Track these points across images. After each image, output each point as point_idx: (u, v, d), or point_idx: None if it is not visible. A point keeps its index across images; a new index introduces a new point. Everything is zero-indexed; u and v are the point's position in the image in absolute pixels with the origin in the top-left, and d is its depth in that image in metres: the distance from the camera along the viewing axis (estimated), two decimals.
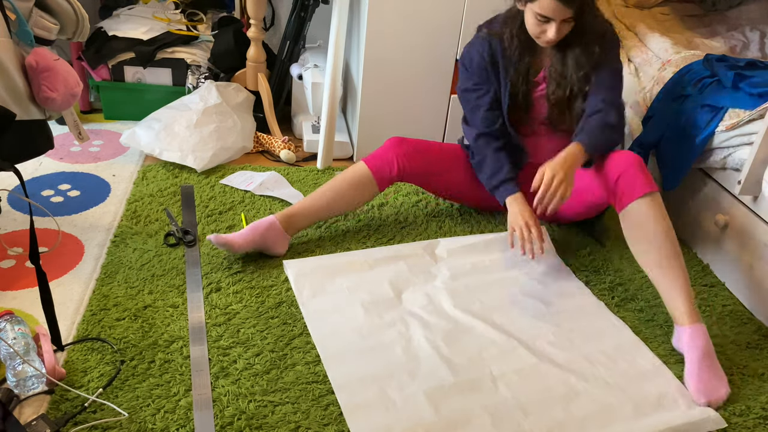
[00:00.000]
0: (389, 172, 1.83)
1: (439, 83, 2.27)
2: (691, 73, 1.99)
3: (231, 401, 1.30)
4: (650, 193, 1.59)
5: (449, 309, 1.61)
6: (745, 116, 1.74)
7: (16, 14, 1.47)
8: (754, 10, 2.57)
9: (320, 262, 1.75)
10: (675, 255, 1.56)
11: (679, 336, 1.52)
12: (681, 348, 1.52)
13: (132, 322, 1.48)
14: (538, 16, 1.62)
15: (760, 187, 1.69)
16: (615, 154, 1.69)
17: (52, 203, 1.93)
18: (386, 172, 1.83)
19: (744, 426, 1.37)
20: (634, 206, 1.60)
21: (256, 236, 1.71)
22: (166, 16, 2.54)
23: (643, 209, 1.59)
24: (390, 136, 1.87)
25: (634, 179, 1.60)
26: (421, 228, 1.98)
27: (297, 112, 2.57)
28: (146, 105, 2.41)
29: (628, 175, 1.61)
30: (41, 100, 1.53)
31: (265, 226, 1.73)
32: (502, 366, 1.45)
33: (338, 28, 2.09)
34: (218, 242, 1.67)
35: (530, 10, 1.64)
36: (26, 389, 1.26)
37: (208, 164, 2.16)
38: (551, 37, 1.64)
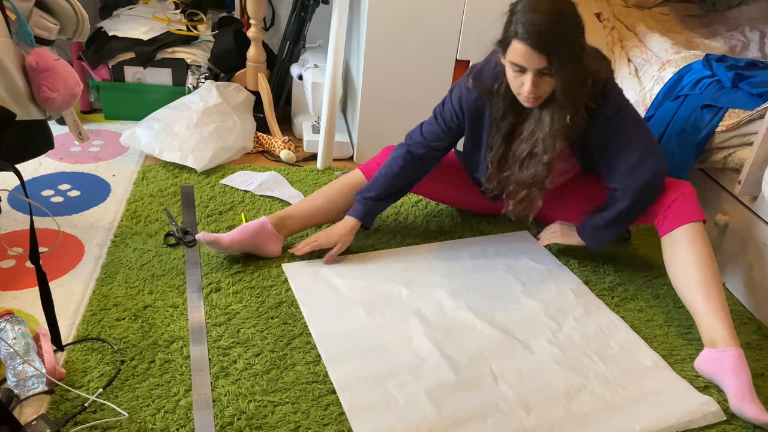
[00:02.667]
0: None
1: (439, 83, 2.26)
2: (691, 73, 1.99)
3: (231, 401, 1.30)
4: (701, 221, 1.62)
5: (450, 307, 1.63)
6: (745, 116, 1.74)
7: (17, 14, 1.47)
8: (754, 10, 2.57)
9: (319, 265, 1.75)
10: (717, 279, 1.57)
11: (718, 359, 1.45)
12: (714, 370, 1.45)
13: (132, 322, 1.48)
14: (514, 66, 1.48)
15: (760, 187, 1.69)
16: (673, 181, 1.69)
17: (52, 203, 1.93)
18: None
19: (744, 426, 1.37)
20: (685, 229, 1.61)
21: (245, 236, 1.70)
22: (166, 16, 2.54)
23: (691, 233, 1.61)
24: (390, 136, 1.87)
25: (688, 206, 1.64)
26: (421, 228, 1.98)
27: (297, 112, 2.57)
28: (146, 105, 2.42)
29: (683, 201, 1.64)
30: (41, 100, 1.53)
31: (255, 227, 1.72)
32: (503, 364, 1.46)
33: (338, 28, 2.09)
34: (206, 240, 1.66)
35: (508, 62, 1.50)
36: (26, 389, 1.26)
37: (208, 164, 2.16)
38: (527, 89, 1.48)
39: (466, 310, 1.62)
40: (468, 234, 1.97)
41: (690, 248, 1.59)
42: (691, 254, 1.58)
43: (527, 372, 1.45)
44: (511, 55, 1.47)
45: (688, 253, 1.59)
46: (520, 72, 1.48)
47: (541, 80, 1.48)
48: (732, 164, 1.80)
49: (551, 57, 1.43)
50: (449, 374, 1.42)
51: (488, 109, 1.67)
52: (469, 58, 2.23)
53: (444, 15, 2.14)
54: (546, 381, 1.42)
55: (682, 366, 1.51)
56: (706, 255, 1.59)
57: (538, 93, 1.50)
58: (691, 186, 1.68)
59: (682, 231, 1.61)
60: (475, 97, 1.68)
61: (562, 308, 1.66)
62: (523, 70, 1.47)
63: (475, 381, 1.41)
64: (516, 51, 1.45)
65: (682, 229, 1.61)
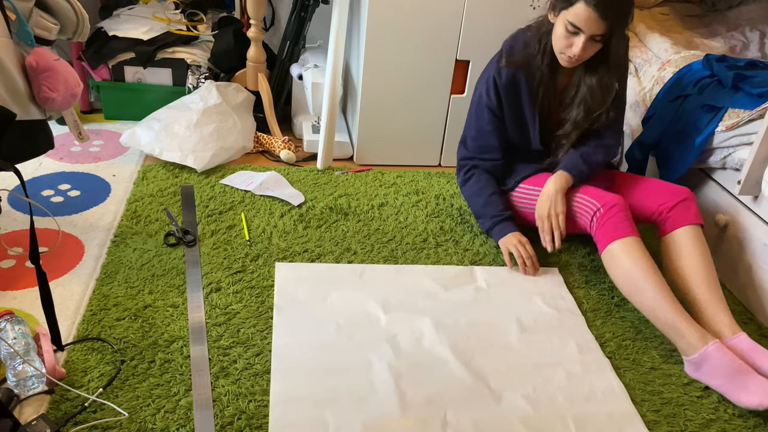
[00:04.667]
0: None
1: (439, 83, 2.26)
2: (691, 73, 1.99)
3: (231, 401, 1.30)
4: (701, 225, 1.69)
5: (428, 340, 1.50)
6: (744, 116, 1.74)
7: (17, 14, 1.47)
8: (754, 10, 2.57)
9: (314, 270, 1.71)
10: (716, 276, 1.61)
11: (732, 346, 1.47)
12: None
13: (132, 322, 1.48)
14: (569, 26, 1.57)
15: (760, 187, 1.69)
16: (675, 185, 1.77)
17: (52, 203, 1.93)
18: None
19: (744, 426, 1.37)
20: (688, 230, 1.66)
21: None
22: (166, 16, 2.54)
23: (693, 233, 1.66)
24: (390, 136, 1.87)
25: (690, 210, 1.70)
26: (420, 228, 1.98)
27: (297, 112, 2.57)
28: (146, 105, 2.41)
29: (687, 204, 1.70)
30: (41, 100, 1.53)
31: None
32: (460, 412, 1.32)
33: (338, 28, 2.09)
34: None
35: (562, 19, 1.59)
36: (26, 389, 1.26)
37: (208, 164, 2.16)
38: (575, 52, 1.59)
39: (444, 346, 1.48)
40: (468, 234, 1.97)
41: (697, 247, 1.63)
42: (698, 253, 1.62)
43: (485, 426, 1.29)
44: (571, 15, 1.55)
45: (693, 251, 1.62)
46: (573, 34, 1.57)
47: (591, 45, 1.58)
48: (732, 164, 1.80)
49: (611, 26, 1.54)
50: (394, 411, 1.30)
51: (525, 80, 1.74)
52: (469, 58, 2.23)
53: (444, 15, 2.14)
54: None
55: (681, 368, 1.51)
56: (707, 254, 1.64)
57: (584, 56, 1.60)
58: (691, 192, 1.74)
59: (686, 230, 1.66)
60: (507, 76, 1.75)
61: (558, 362, 1.48)
62: (577, 32, 1.56)
63: (420, 424, 1.28)
64: (578, 13, 1.53)
65: (686, 229, 1.66)
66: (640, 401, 1.42)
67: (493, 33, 2.15)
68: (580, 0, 1.54)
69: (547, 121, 1.83)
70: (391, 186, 2.21)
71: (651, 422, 1.36)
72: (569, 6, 1.56)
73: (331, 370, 1.40)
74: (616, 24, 1.56)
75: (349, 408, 1.30)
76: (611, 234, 1.63)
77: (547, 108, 1.80)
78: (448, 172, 2.33)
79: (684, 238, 1.66)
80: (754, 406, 1.36)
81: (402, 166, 2.37)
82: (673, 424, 1.37)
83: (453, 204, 2.12)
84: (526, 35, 1.74)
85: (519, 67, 1.74)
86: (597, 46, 1.61)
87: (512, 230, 1.82)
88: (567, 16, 1.57)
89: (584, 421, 1.34)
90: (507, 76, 1.76)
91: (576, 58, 1.61)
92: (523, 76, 1.75)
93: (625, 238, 1.61)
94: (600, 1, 1.51)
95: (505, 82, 1.77)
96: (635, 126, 2.19)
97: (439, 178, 2.29)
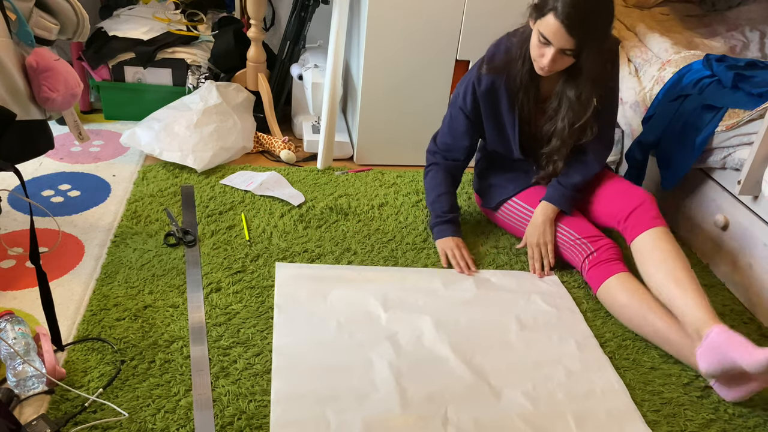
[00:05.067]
0: None
1: (439, 83, 2.26)
2: (691, 73, 1.99)
3: (231, 401, 1.30)
4: (662, 226, 1.64)
5: (429, 339, 1.50)
6: (744, 116, 1.74)
7: (17, 14, 1.47)
8: (754, 10, 2.57)
9: (314, 270, 1.72)
10: (688, 269, 1.54)
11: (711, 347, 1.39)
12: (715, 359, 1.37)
13: (132, 322, 1.48)
14: (541, 37, 1.54)
15: (760, 187, 1.69)
16: (630, 190, 1.75)
17: (52, 203, 1.93)
18: None
19: (744, 426, 1.37)
20: (645, 236, 1.63)
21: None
22: (166, 16, 2.54)
23: (651, 237, 1.62)
24: (390, 136, 1.87)
25: (646, 213, 1.66)
26: (420, 228, 1.98)
27: (297, 112, 2.57)
28: (146, 105, 2.42)
29: (642, 210, 1.67)
30: (41, 101, 1.53)
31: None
32: (461, 409, 1.32)
33: (338, 28, 2.09)
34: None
35: (536, 28, 1.56)
36: (26, 389, 1.26)
37: (208, 164, 2.16)
38: (545, 63, 1.56)
39: (444, 345, 1.48)
40: (467, 239, 1.97)
41: (659, 247, 1.59)
42: (659, 253, 1.58)
43: (486, 423, 1.29)
44: (542, 26, 1.53)
45: (651, 257, 1.59)
46: (544, 44, 1.54)
47: (562, 58, 1.56)
48: (732, 164, 1.80)
49: (580, 42, 1.50)
50: (395, 408, 1.30)
51: (504, 86, 1.73)
52: (469, 58, 2.23)
53: (444, 15, 2.14)
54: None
55: (680, 368, 1.51)
56: (672, 250, 1.58)
57: (554, 68, 1.58)
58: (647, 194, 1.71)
59: (643, 237, 1.63)
60: (486, 83, 1.73)
61: (557, 360, 1.48)
62: (547, 43, 1.53)
63: (421, 421, 1.29)
64: (548, 25, 1.50)
65: (643, 236, 1.63)
66: (640, 401, 1.41)
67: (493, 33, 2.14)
68: (550, 12, 1.49)
69: (528, 130, 1.80)
70: (391, 186, 2.21)
71: (651, 422, 1.36)
72: (541, 15, 1.52)
73: (332, 368, 1.40)
74: (586, 41, 1.51)
75: (350, 406, 1.30)
76: (605, 274, 1.66)
77: (528, 116, 1.77)
78: None
79: (643, 245, 1.63)
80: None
81: (402, 166, 2.37)
82: (673, 424, 1.37)
83: None
84: (510, 40, 1.71)
85: (499, 72, 1.71)
86: (569, 59, 1.57)
87: (451, 233, 1.84)
88: (539, 26, 1.53)
89: (584, 418, 1.34)
90: (486, 83, 1.73)
91: (547, 69, 1.58)
92: (503, 83, 1.72)
93: (618, 274, 1.64)
94: (568, 16, 1.46)
95: (483, 89, 1.74)
96: (635, 126, 2.19)
97: None
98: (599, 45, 1.56)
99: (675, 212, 2.10)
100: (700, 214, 1.97)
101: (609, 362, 1.50)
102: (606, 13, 1.53)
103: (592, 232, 1.75)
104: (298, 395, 1.32)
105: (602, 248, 1.71)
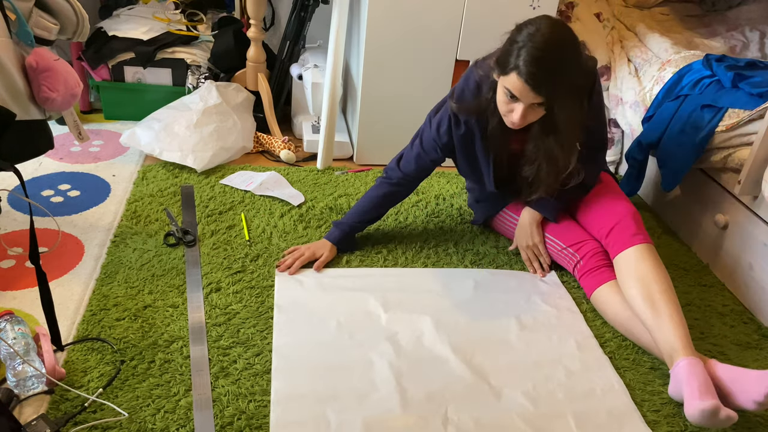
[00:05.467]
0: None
1: (439, 83, 2.26)
2: (691, 73, 1.99)
3: (231, 401, 1.30)
4: (642, 244, 1.58)
5: (429, 339, 1.50)
6: (745, 116, 1.74)
7: (16, 14, 1.47)
8: (754, 10, 2.57)
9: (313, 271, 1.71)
10: (665, 290, 1.48)
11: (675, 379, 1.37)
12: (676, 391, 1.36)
13: (132, 322, 1.48)
14: (506, 92, 1.46)
15: (760, 187, 1.69)
16: (611, 205, 1.70)
17: (52, 203, 1.93)
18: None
19: (744, 426, 1.37)
20: (623, 256, 1.59)
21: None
22: (166, 16, 2.54)
23: (633, 255, 1.57)
24: (390, 136, 1.86)
25: (625, 230, 1.62)
26: (420, 228, 1.98)
27: (297, 112, 2.58)
28: (146, 105, 2.42)
29: (621, 227, 1.63)
30: (41, 100, 1.53)
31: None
32: (461, 409, 1.32)
33: (338, 28, 2.09)
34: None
35: (501, 84, 1.47)
36: (26, 389, 1.26)
37: (208, 164, 2.16)
38: (515, 120, 1.47)
39: (444, 345, 1.48)
40: (467, 236, 1.97)
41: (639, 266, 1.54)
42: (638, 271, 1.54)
43: (486, 423, 1.29)
44: (507, 82, 1.44)
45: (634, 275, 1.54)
46: (512, 99, 1.47)
47: (533, 110, 1.47)
48: (732, 164, 1.80)
49: (548, 96, 1.43)
50: (395, 408, 1.30)
51: (478, 127, 1.65)
52: (469, 58, 2.23)
53: (444, 15, 2.14)
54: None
55: None
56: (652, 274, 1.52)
57: (526, 122, 1.50)
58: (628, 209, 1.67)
59: (622, 256, 1.59)
60: (463, 124, 1.65)
61: (557, 359, 1.48)
62: (515, 98, 1.46)
63: (421, 420, 1.28)
64: (513, 83, 1.43)
65: (621, 255, 1.59)
66: (640, 401, 1.41)
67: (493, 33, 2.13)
68: (514, 70, 1.41)
69: (503, 169, 1.73)
70: None
71: (651, 422, 1.36)
72: (505, 73, 1.44)
73: (332, 368, 1.40)
74: (554, 96, 1.42)
75: (351, 405, 1.30)
76: (596, 281, 1.66)
77: (502, 158, 1.70)
78: (447, 172, 2.33)
79: (621, 265, 1.59)
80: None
81: None
82: (673, 424, 1.37)
83: (453, 204, 2.12)
84: (478, 74, 1.60)
85: (470, 113, 1.63)
86: (541, 110, 1.47)
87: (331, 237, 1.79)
88: (505, 83, 1.45)
89: (584, 418, 1.33)
90: (463, 125, 1.65)
91: (518, 124, 1.49)
92: (475, 123, 1.64)
93: (604, 285, 1.63)
94: (531, 75, 1.38)
95: (461, 132, 1.66)
96: (635, 126, 2.19)
97: (438, 179, 2.29)
98: (570, 93, 1.46)
99: (675, 212, 2.10)
100: (700, 214, 1.97)
101: (609, 362, 1.50)
102: (572, 63, 1.43)
103: (576, 238, 1.73)
104: (298, 395, 1.32)
105: (587, 255, 1.70)
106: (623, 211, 1.67)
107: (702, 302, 1.77)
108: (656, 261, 1.55)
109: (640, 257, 1.56)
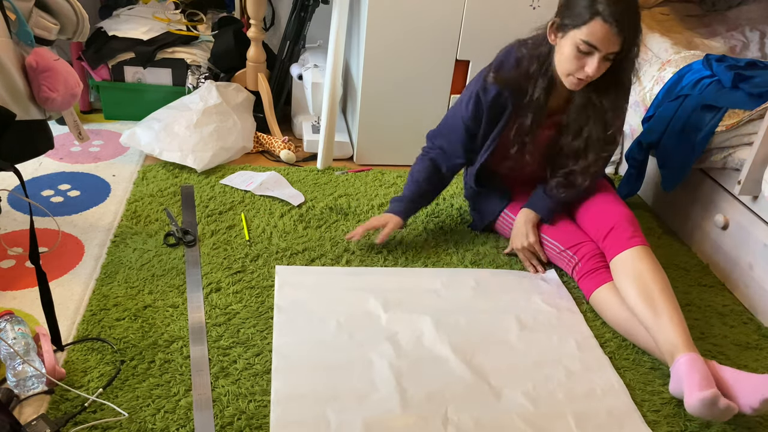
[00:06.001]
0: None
1: (439, 83, 2.27)
2: (691, 73, 1.99)
3: (231, 401, 1.30)
4: (639, 246, 1.59)
5: (429, 339, 1.50)
6: (744, 116, 1.74)
7: (16, 14, 1.47)
8: (754, 10, 2.57)
9: (314, 271, 1.71)
10: (663, 289, 1.49)
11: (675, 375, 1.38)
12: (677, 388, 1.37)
13: (132, 322, 1.48)
14: (581, 46, 1.48)
15: (760, 187, 1.69)
16: (607, 210, 1.71)
17: (52, 203, 1.93)
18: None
19: (744, 426, 1.37)
20: (619, 258, 1.60)
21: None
22: (166, 16, 2.54)
23: (630, 256, 1.58)
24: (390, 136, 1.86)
25: (622, 234, 1.63)
26: (420, 228, 1.98)
27: (297, 112, 2.57)
28: (146, 105, 2.42)
29: (618, 230, 1.64)
30: (41, 100, 1.53)
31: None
32: (461, 408, 1.32)
33: (338, 28, 2.09)
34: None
35: (571, 39, 1.50)
36: (26, 389, 1.26)
37: (208, 164, 2.16)
38: (589, 73, 1.50)
39: (444, 345, 1.48)
40: (467, 236, 1.97)
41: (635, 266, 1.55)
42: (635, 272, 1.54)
43: (486, 423, 1.29)
44: (583, 34, 1.47)
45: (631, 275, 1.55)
46: (585, 53, 1.50)
47: (604, 64, 1.51)
48: (732, 164, 1.80)
49: (627, 40, 1.47)
50: (395, 408, 1.30)
51: (512, 101, 1.68)
52: (469, 58, 2.23)
53: (444, 15, 2.15)
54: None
55: None
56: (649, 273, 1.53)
57: (599, 73, 1.53)
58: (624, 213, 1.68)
59: (619, 259, 1.60)
60: (493, 93, 1.68)
61: (557, 359, 1.48)
62: (591, 51, 1.49)
63: (421, 420, 1.28)
64: (595, 31, 1.46)
65: (618, 258, 1.60)
66: (640, 401, 1.41)
67: (493, 33, 2.15)
68: (595, 17, 1.45)
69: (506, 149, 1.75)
70: (391, 186, 2.21)
71: (651, 422, 1.36)
72: (582, 25, 1.47)
73: (332, 368, 1.40)
74: (632, 38, 1.49)
75: (351, 406, 1.30)
76: (595, 283, 1.66)
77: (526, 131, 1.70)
78: None
79: (618, 266, 1.59)
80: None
81: (402, 166, 2.37)
82: (673, 424, 1.37)
83: (453, 204, 2.12)
84: (521, 51, 1.65)
85: (508, 85, 1.65)
86: (608, 65, 1.53)
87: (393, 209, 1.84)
88: (579, 36, 1.48)
89: (584, 418, 1.34)
90: (493, 94, 1.67)
91: (592, 78, 1.53)
92: (510, 96, 1.67)
93: (602, 287, 1.64)
94: (615, 17, 1.44)
95: (490, 99, 1.68)
96: (635, 126, 2.19)
97: None
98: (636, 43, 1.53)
99: (675, 212, 2.10)
100: (700, 214, 1.97)
101: (609, 362, 1.50)
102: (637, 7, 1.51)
103: (575, 240, 1.74)
104: (298, 395, 1.32)
105: (586, 257, 1.70)
106: (619, 214, 1.68)
107: (702, 302, 1.77)
108: (653, 262, 1.56)
109: (637, 258, 1.57)
